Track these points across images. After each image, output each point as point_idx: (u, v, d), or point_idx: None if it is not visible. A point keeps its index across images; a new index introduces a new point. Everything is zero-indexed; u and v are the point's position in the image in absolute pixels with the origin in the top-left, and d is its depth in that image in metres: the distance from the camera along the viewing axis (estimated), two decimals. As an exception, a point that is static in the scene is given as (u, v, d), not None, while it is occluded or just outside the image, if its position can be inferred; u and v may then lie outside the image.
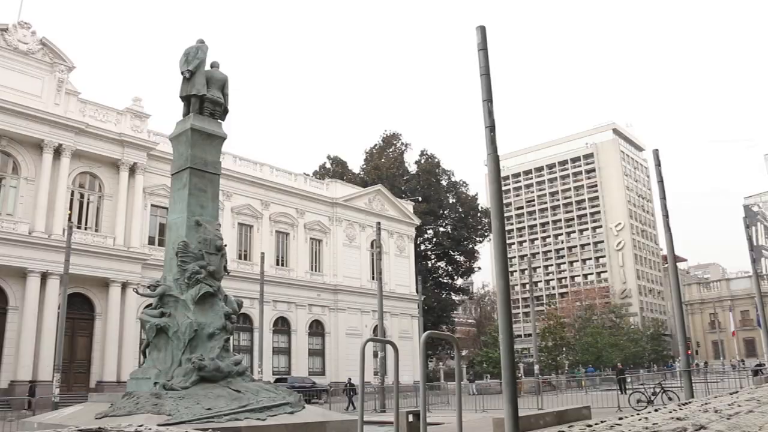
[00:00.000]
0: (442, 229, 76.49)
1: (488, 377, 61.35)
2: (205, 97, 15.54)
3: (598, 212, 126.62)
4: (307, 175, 63.60)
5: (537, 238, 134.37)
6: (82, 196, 40.62)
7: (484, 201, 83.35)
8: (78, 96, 40.30)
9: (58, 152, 38.52)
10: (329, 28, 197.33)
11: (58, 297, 34.90)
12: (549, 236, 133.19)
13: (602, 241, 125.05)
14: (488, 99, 9.41)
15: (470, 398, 33.80)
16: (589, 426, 6.35)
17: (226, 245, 15.18)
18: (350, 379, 43.12)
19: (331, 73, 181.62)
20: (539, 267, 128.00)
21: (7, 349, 35.45)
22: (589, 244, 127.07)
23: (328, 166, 78.45)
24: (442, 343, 68.77)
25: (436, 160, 77.23)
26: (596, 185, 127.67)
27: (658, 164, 21.31)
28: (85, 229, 39.65)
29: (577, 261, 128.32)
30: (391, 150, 78.47)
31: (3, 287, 36.18)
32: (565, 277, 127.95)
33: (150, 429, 9.98)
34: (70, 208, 39.44)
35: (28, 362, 35.03)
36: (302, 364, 50.09)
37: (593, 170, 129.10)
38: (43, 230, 36.99)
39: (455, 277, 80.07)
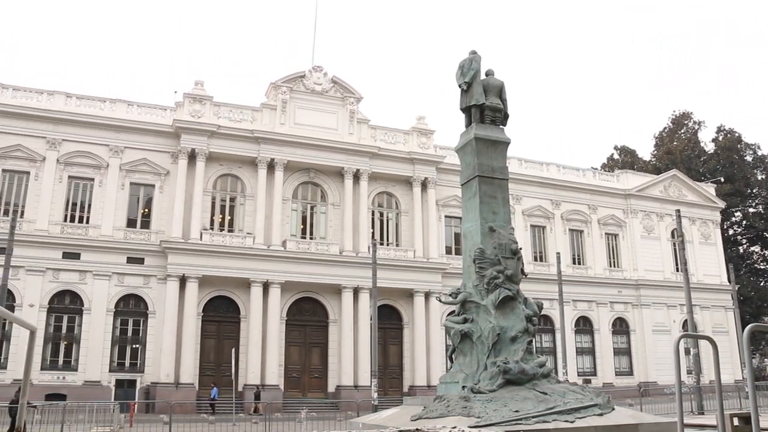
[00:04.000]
0: (752, 209, 69.28)
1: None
2: (484, 106, 15.73)
3: None
4: (596, 169, 61.76)
5: None
6: (381, 214, 43.86)
7: (802, 173, 74.04)
8: (368, 123, 43.67)
9: (356, 177, 42.08)
10: (600, 21, 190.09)
11: (369, 309, 38.08)
12: None
13: None
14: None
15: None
16: None
17: (521, 248, 15.19)
18: (588, 380, 41.40)
19: (607, 62, 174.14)
20: None
21: (330, 357, 39.64)
22: None
23: (615, 157, 75.54)
24: (766, 337, 62.15)
25: (737, 134, 70.18)
26: None
27: None
28: (387, 244, 42.70)
29: None
30: (682, 131, 73.16)
31: (323, 303, 40.47)
32: None
33: (462, 430, 10.41)
34: (372, 227, 42.86)
35: (349, 369, 38.80)
36: (608, 364, 48.48)
37: None
38: (351, 249, 40.63)
39: (774, 262, 71.87)
